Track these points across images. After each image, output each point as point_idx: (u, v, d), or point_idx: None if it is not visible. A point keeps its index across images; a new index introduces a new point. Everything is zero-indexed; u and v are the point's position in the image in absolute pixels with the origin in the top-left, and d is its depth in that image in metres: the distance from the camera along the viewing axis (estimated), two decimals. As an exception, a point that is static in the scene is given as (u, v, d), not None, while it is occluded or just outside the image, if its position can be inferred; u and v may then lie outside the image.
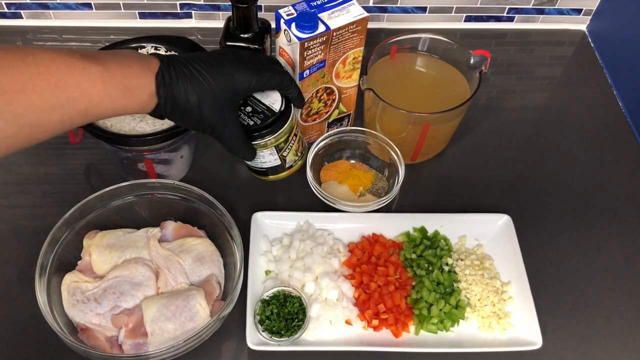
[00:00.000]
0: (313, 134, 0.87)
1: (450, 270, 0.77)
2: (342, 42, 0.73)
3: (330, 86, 0.79)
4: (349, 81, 0.81)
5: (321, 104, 0.82)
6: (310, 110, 0.82)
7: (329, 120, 0.86)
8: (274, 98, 0.70)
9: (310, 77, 0.75)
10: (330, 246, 0.78)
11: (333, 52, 0.74)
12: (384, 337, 0.72)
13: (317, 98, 0.80)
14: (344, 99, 0.84)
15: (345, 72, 0.79)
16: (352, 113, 0.88)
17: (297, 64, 0.72)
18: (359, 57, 0.78)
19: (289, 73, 0.71)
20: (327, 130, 0.88)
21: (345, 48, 0.75)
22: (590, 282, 0.79)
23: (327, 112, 0.84)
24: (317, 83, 0.77)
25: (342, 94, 0.82)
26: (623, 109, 0.99)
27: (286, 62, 0.75)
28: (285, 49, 0.73)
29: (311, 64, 0.73)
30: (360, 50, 0.77)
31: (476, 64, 0.83)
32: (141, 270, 0.71)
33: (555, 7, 1.07)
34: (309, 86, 0.77)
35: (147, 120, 0.74)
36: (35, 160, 0.87)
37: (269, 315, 0.71)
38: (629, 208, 0.87)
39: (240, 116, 0.68)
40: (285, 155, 0.73)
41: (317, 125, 0.85)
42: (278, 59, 0.75)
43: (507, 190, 0.88)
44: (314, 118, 0.84)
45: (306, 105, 0.79)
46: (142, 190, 0.76)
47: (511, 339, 0.72)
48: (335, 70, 0.77)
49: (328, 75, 0.77)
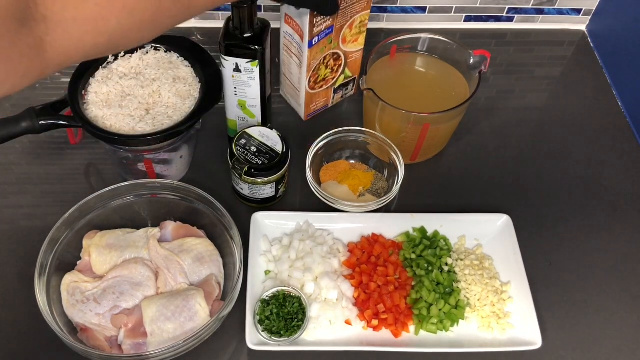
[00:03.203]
0: (319, 101, 0.87)
1: (450, 270, 0.77)
2: (349, 7, 0.73)
3: (337, 52, 0.79)
4: (355, 45, 0.80)
5: (328, 70, 0.81)
6: (318, 77, 0.81)
7: (335, 86, 0.86)
8: (274, 140, 0.77)
9: (319, 44, 0.75)
10: (330, 246, 0.78)
11: (341, 17, 0.74)
12: (383, 337, 0.72)
13: (324, 64, 0.79)
14: (349, 64, 0.83)
15: (352, 36, 0.78)
16: (356, 77, 0.88)
17: (306, 32, 0.72)
18: (365, 20, 0.77)
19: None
20: (333, 96, 0.88)
21: (352, 12, 0.74)
22: (590, 282, 0.79)
23: (334, 77, 0.84)
24: (325, 50, 0.77)
25: (348, 58, 0.82)
26: (623, 109, 0.99)
27: (293, 31, 0.74)
28: (293, 17, 0.73)
29: (320, 31, 0.73)
30: (367, 14, 0.77)
31: (476, 64, 0.83)
32: (141, 271, 0.71)
33: (554, 7, 1.07)
34: (317, 53, 0.76)
35: (147, 120, 0.74)
36: (35, 160, 0.87)
37: (269, 316, 0.71)
38: (629, 208, 0.87)
39: (247, 155, 0.75)
40: (279, 188, 0.80)
41: (323, 92, 0.85)
42: (284, 27, 0.75)
43: (506, 190, 0.88)
44: (320, 85, 0.83)
45: (314, 72, 0.79)
46: (141, 190, 0.76)
47: (511, 339, 0.72)
48: (342, 35, 0.77)
49: (335, 41, 0.77)
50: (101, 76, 0.77)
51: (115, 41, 0.45)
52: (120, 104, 0.75)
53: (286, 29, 0.75)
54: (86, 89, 0.76)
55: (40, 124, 0.71)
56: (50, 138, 0.86)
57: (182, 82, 0.78)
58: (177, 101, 0.76)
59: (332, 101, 0.90)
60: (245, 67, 0.74)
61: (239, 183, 0.78)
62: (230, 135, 0.87)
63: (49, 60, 0.41)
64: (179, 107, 0.76)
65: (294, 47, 0.76)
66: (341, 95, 0.89)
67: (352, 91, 0.90)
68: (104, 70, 0.78)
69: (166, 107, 0.75)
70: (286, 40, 0.77)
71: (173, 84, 0.77)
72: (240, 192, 0.80)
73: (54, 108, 0.73)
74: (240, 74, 0.75)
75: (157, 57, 0.80)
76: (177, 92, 0.77)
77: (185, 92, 0.77)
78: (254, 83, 0.76)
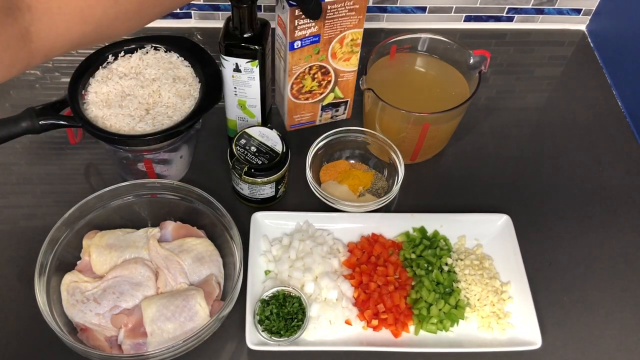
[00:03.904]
0: (305, 114, 0.86)
1: (450, 270, 0.77)
2: (338, 19, 0.73)
3: (325, 65, 0.79)
4: (347, 64, 0.80)
5: (315, 82, 0.81)
6: (303, 87, 0.81)
7: (322, 103, 0.86)
8: (274, 140, 0.77)
9: (302, 50, 0.75)
10: (330, 246, 0.78)
11: (328, 28, 0.73)
12: (383, 337, 0.72)
13: (310, 75, 0.79)
14: (340, 83, 0.83)
15: (342, 53, 0.78)
16: (350, 102, 0.88)
17: (287, 32, 0.72)
18: (357, 39, 0.77)
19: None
20: (321, 114, 0.88)
21: (342, 26, 0.74)
22: (590, 282, 0.79)
23: (322, 93, 0.83)
24: (310, 59, 0.77)
25: (338, 76, 0.82)
26: (623, 109, 0.99)
27: (282, 33, 0.74)
28: (281, 17, 0.73)
29: (303, 35, 0.73)
30: (360, 32, 0.76)
31: (476, 64, 0.83)
32: (141, 270, 0.71)
33: (554, 7, 1.07)
34: (300, 59, 0.76)
35: (146, 120, 0.74)
36: (35, 160, 0.87)
37: (269, 315, 0.71)
38: (629, 208, 0.87)
39: (247, 155, 0.75)
40: (279, 188, 0.80)
41: (309, 105, 0.84)
42: (277, 29, 0.76)
43: (506, 190, 0.88)
44: (306, 97, 0.83)
45: (297, 80, 0.79)
46: (141, 190, 0.76)
47: (510, 338, 0.72)
48: (332, 49, 0.77)
49: (323, 53, 0.77)
50: (101, 76, 0.77)
51: (101, 31, 0.44)
52: (120, 104, 0.75)
53: (278, 31, 0.76)
54: (86, 89, 0.76)
55: (40, 124, 0.71)
56: (50, 138, 0.86)
57: (182, 82, 0.78)
58: (177, 101, 0.76)
59: (320, 119, 0.90)
60: (245, 67, 0.74)
61: (239, 183, 0.78)
62: (230, 135, 0.87)
63: (35, 50, 0.40)
64: (179, 107, 0.76)
65: (282, 50, 0.77)
66: (331, 115, 0.89)
67: (344, 115, 0.90)
68: (104, 70, 0.78)
69: (166, 107, 0.76)
70: (278, 43, 0.78)
71: (173, 84, 0.77)
72: (240, 192, 0.80)
73: (54, 108, 0.73)
74: (240, 74, 0.76)
75: (157, 57, 0.80)
76: (177, 92, 0.77)
77: (185, 92, 0.77)
78: (254, 83, 0.77)
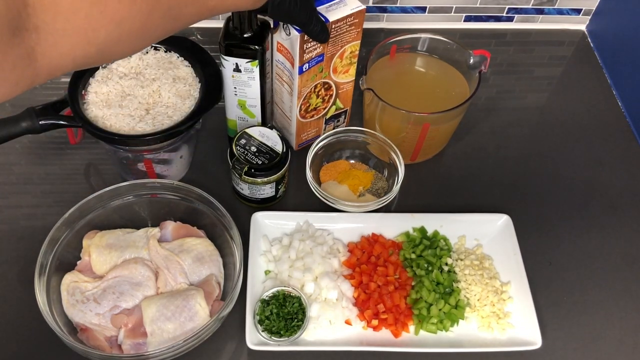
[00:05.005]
0: (311, 131, 0.87)
1: (450, 270, 0.77)
2: (340, 35, 0.73)
3: (327, 81, 0.79)
4: (346, 76, 0.81)
5: (319, 99, 0.81)
6: (309, 106, 0.82)
7: (326, 117, 0.86)
8: (274, 140, 0.77)
9: (310, 72, 0.75)
10: (330, 246, 0.78)
11: (331, 46, 0.74)
12: (383, 337, 0.72)
13: (315, 93, 0.80)
14: (340, 95, 0.84)
15: (342, 66, 0.79)
16: (348, 110, 0.88)
17: (296, 57, 0.72)
18: (355, 51, 0.77)
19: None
20: (325, 127, 0.88)
21: (342, 41, 0.75)
22: (590, 282, 0.79)
23: (325, 107, 0.84)
24: (316, 78, 0.77)
25: (339, 89, 0.82)
26: (623, 109, 0.99)
27: (284, 58, 0.75)
28: (283, 44, 0.73)
29: (310, 58, 0.73)
30: (357, 44, 0.77)
31: (476, 64, 0.83)
32: (141, 270, 0.71)
33: (554, 7, 1.07)
34: (308, 81, 0.77)
35: (146, 120, 0.74)
36: (35, 160, 0.87)
37: (269, 315, 0.71)
38: (629, 208, 0.87)
39: (247, 155, 0.75)
40: (279, 188, 0.80)
41: (314, 122, 0.85)
42: (276, 55, 0.76)
43: (506, 190, 0.88)
44: (312, 114, 0.84)
45: (304, 100, 0.79)
46: (141, 190, 0.76)
47: (511, 338, 0.72)
48: (333, 65, 0.77)
49: (326, 70, 0.77)
50: (101, 76, 0.78)
51: (104, 52, 0.45)
52: (120, 103, 0.75)
53: (278, 57, 0.76)
54: (86, 88, 0.76)
55: (40, 124, 0.71)
56: (50, 138, 0.86)
57: (182, 82, 0.78)
58: (177, 101, 0.76)
59: (324, 132, 0.90)
60: (245, 67, 0.74)
61: (239, 183, 0.78)
62: (230, 135, 0.87)
63: (39, 69, 0.41)
64: (179, 107, 0.76)
65: (285, 75, 0.77)
66: (333, 126, 0.89)
67: (344, 123, 0.90)
68: (104, 70, 0.78)
69: (166, 107, 0.76)
70: (278, 68, 0.78)
71: (173, 84, 0.77)
72: (240, 192, 0.80)
73: (54, 108, 0.73)
74: (240, 74, 0.75)
75: (157, 57, 0.80)
76: (177, 92, 0.77)
77: (185, 92, 0.77)
78: (254, 83, 0.76)
